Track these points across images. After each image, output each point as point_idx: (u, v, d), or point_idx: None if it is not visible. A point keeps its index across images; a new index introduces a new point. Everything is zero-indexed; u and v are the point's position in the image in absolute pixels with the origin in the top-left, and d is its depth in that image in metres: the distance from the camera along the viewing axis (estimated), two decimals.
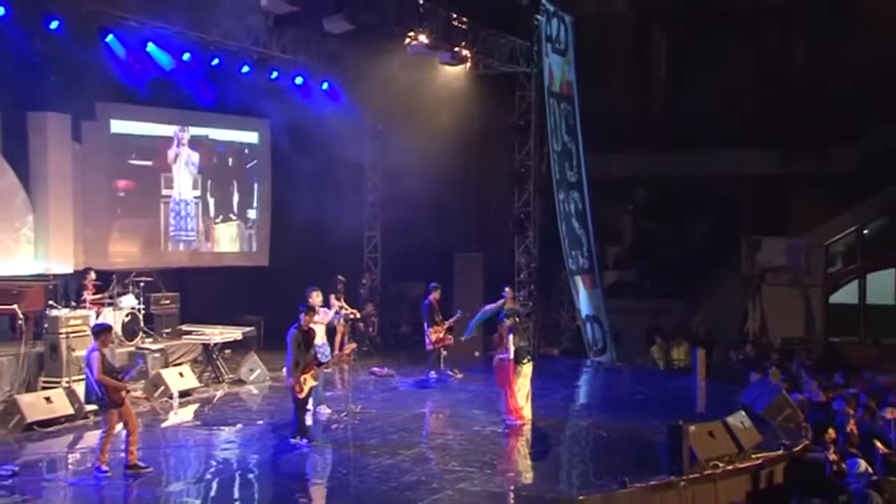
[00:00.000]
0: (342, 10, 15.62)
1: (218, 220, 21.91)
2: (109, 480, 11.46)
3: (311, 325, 13.54)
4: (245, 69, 19.04)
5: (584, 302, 21.87)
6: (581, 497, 10.95)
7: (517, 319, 14.95)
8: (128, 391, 12.10)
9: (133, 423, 11.99)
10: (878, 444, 13.37)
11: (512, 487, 11.68)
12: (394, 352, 20.50)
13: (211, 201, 21.73)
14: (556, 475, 12.67)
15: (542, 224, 21.90)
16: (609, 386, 19.58)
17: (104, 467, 11.70)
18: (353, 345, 16.63)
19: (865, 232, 28.89)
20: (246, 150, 22.35)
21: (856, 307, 28.60)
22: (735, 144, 28.33)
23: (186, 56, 17.97)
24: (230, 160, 22.09)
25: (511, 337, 14.22)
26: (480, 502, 10.90)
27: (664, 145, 28.26)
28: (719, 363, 22.09)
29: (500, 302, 17.27)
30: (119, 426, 11.85)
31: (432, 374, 18.08)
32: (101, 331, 12.17)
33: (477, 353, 19.53)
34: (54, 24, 15.59)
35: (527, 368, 14.37)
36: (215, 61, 18.42)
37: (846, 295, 28.94)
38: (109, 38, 16.58)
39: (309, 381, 13.17)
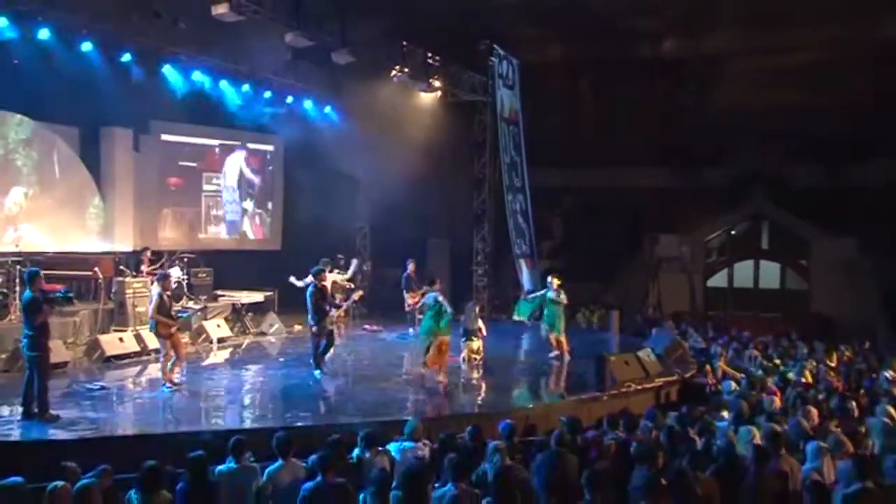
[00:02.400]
0: (347, 45, 15.78)
1: (247, 210, 22.06)
2: (171, 394, 11.74)
3: (323, 284, 13.68)
4: (267, 94, 19.16)
5: (526, 279, 22.10)
6: (531, 406, 11.22)
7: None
8: (178, 328, 12.26)
9: (180, 352, 12.18)
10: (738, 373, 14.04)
11: (478, 403, 11.95)
12: (381, 314, 20.45)
13: (245, 195, 21.94)
14: (511, 393, 12.96)
15: (495, 219, 22.16)
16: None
17: (168, 384, 11.85)
18: (360, 292, 16.75)
19: (733, 232, 29.54)
20: (268, 157, 22.45)
21: (725, 289, 29.23)
22: (640, 164, 28.78)
23: (223, 83, 18.08)
24: (256, 165, 22.20)
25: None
26: (452, 414, 11.13)
27: (587, 163, 28.67)
28: (627, 325, 22.38)
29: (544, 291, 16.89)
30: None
31: (410, 330, 18.18)
32: (163, 277, 12.31)
33: None
34: (126, 57, 15.69)
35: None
36: (245, 87, 18.52)
37: (719, 279, 29.56)
38: (166, 67, 16.67)
39: (326, 327, 13.32)
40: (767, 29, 26.72)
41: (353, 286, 17.85)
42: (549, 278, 16.27)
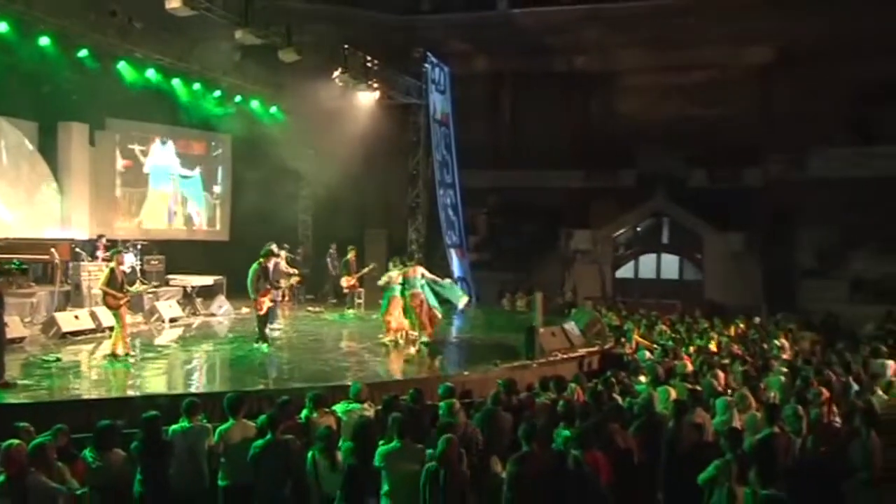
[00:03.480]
0: (292, 45, 15.26)
1: (194, 204, 21.23)
2: (123, 364, 11.12)
3: (267, 265, 13.13)
4: (217, 93, 18.48)
5: (456, 266, 21.95)
6: (466, 373, 10.94)
7: None
8: (127, 300, 11.61)
9: (124, 324, 11.52)
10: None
11: (417, 370, 11.62)
12: (322, 298, 20.01)
13: (189, 191, 21.05)
14: (447, 362, 12.71)
15: (428, 211, 21.84)
16: (479, 319, 19.42)
17: (130, 353, 11.25)
18: (298, 277, 16.26)
19: (638, 229, 29.68)
20: (214, 155, 21.65)
21: (632, 279, 29.45)
22: (557, 166, 28.78)
23: (175, 81, 17.35)
24: (203, 162, 21.39)
25: None
26: (393, 380, 10.81)
27: (509, 166, 28.66)
28: (546, 309, 22.20)
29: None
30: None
31: (349, 311, 17.79)
32: (117, 253, 11.68)
33: None
34: (83, 53, 14.89)
35: None
36: (196, 86, 17.82)
37: (626, 271, 29.75)
38: (121, 64, 15.89)
39: (266, 302, 12.79)
40: (666, 50, 27.07)
41: (294, 272, 17.43)
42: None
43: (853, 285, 25.07)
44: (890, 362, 10.72)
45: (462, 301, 13.85)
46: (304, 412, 7.85)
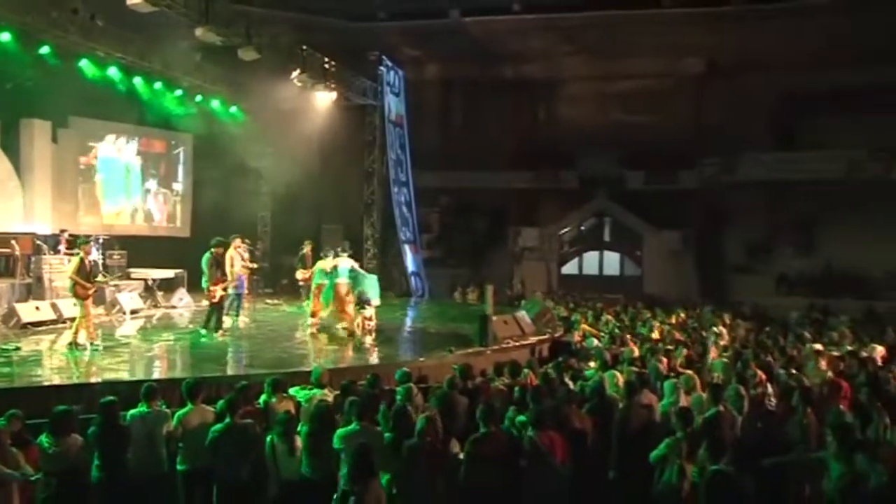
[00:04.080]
0: (252, 43, 14.79)
1: (155, 201, 20.53)
2: (92, 352, 10.62)
3: (220, 255, 12.61)
4: (178, 92, 17.89)
5: (410, 261, 21.69)
6: (422, 359, 10.67)
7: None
8: (95, 290, 11.09)
9: (88, 314, 10.94)
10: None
11: (374, 357, 11.32)
12: (280, 291, 19.54)
13: (151, 188, 20.36)
14: (403, 350, 12.45)
15: (383, 208, 21.51)
16: (432, 311, 19.12)
17: (94, 342, 10.72)
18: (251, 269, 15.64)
19: (582, 227, 29.84)
20: (175, 153, 20.96)
21: (576, 275, 29.51)
22: (505, 168, 28.90)
23: (137, 80, 16.73)
24: (164, 160, 20.71)
25: None
26: (351, 366, 10.45)
27: (460, 167, 28.45)
28: (497, 301, 22.07)
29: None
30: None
31: (306, 303, 17.28)
32: (85, 242, 11.13)
33: None
34: (45, 50, 14.21)
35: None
36: (157, 84, 17.21)
37: (571, 267, 29.81)
38: (83, 61, 15.23)
39: (219, 291, 12.32)
40: (607, 59, 27.27)
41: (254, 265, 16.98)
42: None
43: (778, 280, 25.49)
44: (817, 346, 10.80)
45: (376, 299, 13.52)
46: (264, 397, 7.50)
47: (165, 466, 6.71)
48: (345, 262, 13.16)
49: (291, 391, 7.90)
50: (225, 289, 12.48)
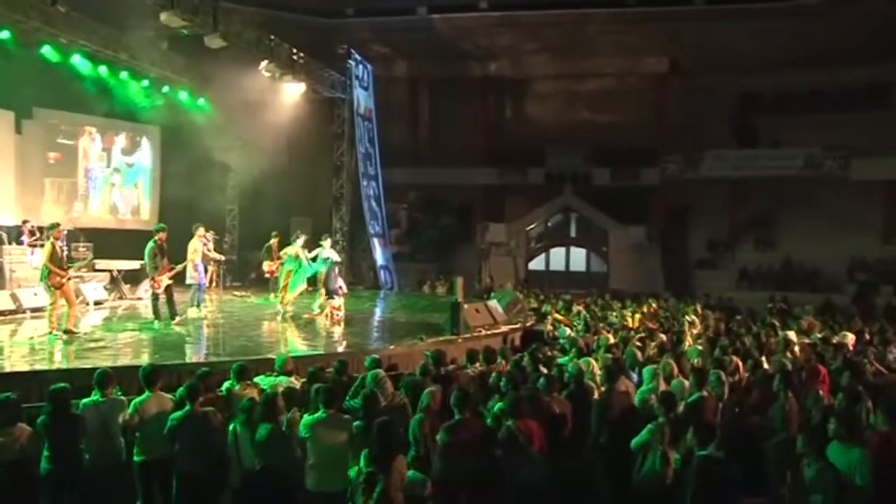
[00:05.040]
0: (218, 30, 14.18)
1: (121, 194, 19.69)
2: (55, 340, 10.04)
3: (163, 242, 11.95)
4: (145, 83, 17.15)
5: (379, 255, 21.20)
6: (392, 347, 10.20)
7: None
8: (69, 277, 10.43)
9: (71, 301, 10.47)
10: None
11: (343, 344, 10.84)
12: (249, 285, 18.96)
13: (115, 183, 19.53)
14: (373, 338, 11.96)
15: (352, 201, 20.98)
16: (401, 301, 18.59)
17: (55, 332, 10.05)
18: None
19: (549, 223, 29.60)
20: (142, 145, 20.11)
21: (543, 271, 29.25)
22: (472, 164, 28.64)
23: (102, 68, 15.95)
24: (131, 152, 19.88)
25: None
26: (319, 354, 9.91)
27: (428, 164, 28.17)
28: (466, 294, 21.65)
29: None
30: (62, 302, 10.33)
31: (272, 295, 16.66)
32: (53, 226, 10.47)
33: None
34: (5, 35, 13.41)
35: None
36: (123, 74, 16.46)
37: (538, 263, 29.54)
38: (45, 48, 14.42)
39: (164, 281, 11.69)
40: (572, 58, 27.14)
41: (221, 257, 16.39)
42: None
43: (740, 274, 25.49)
44: (790, 333, 10.57)
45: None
46: (227, 384, 6.99)
47: (122, 457, 6.21)
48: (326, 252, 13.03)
49: (257, 379, 7.40)
50: (172, 277, 11.83)
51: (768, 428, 6.57)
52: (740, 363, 8.47)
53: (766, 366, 8.40)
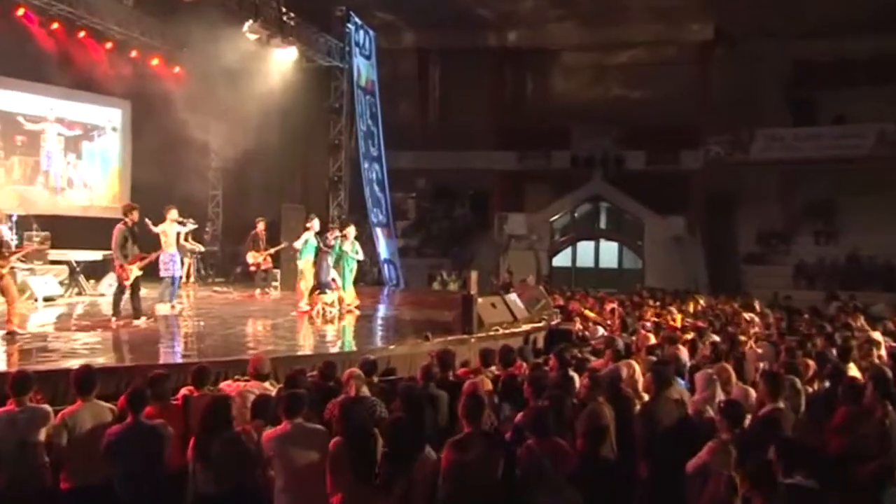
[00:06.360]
0: None
1: (87, 177, 19.07)
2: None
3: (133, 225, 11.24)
4: (108, 45, 16.51)
5: (383, 247, 20.66)
6: (392, 347, 9.50)
7: None
8: (11, 267, 9.84)
9: (11, 296, 9.75)
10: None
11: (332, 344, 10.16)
12: (233, 280, 18.38)
13: (78, 163, 18.91)
14: (367, 338, 11.41)
15: (351, 186, 20.36)
16: (407, 298, 17.97)
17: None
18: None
19: (575, 214, 29.00)
20: (110, 121, 19.44)
21: (569, 268, 28.57)
22: (488, 148, 28.31)
23: (55, 26, 15.28)
24: (97, 130, 19.24)
25: None
26: (303, 354, 9.27)
27: (438, 147, 27.85)
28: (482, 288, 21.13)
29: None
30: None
31: (257, 292, 15.99)
32: None
33: None
34: None
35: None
36: (82, 34, 15.79)
37: (563, 259, 28.85)
38: None
39: (134, 271, 10.99)
40: (602, 26, 26.59)
41: (200, 248, 15.85)
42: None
43: (796, 269, 24.70)
44: (875, 334, 9.80)
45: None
46: (183, 391, 6.27)
47: (46, 483, 5.47)
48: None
49: (222, 384, 6.70)
50: (142, 268, 11.16)
51: (862, 450, 5.77)
52: (813, 367, 7.70)
53: (852, 372, 7.57)
